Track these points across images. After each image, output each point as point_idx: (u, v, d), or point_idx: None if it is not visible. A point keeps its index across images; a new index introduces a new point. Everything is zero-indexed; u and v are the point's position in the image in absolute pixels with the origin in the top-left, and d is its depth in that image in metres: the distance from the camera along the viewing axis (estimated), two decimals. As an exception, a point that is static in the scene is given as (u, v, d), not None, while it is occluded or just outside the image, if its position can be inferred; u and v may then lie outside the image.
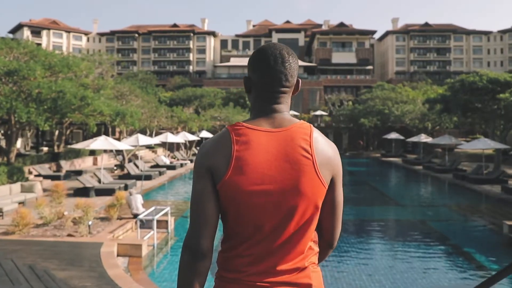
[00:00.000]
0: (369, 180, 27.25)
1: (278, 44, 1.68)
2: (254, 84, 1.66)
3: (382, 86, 61.85)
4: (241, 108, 50.47)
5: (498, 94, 25.77)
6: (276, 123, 1.59)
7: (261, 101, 1.64)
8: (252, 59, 1.67)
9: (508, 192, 19.70)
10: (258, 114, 1.63)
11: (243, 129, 1.55)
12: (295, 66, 1.66)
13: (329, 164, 1.58)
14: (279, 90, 1.63)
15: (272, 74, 1.62)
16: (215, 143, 1.56)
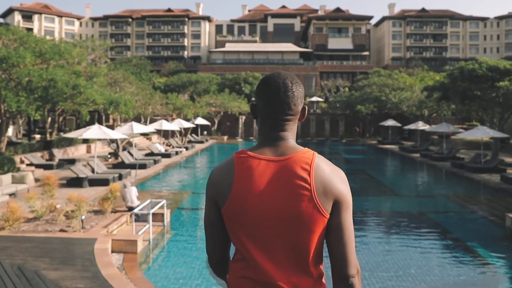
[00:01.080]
0: (367, 168, 27.01)
1: (283, 73, 1.75)
2: (260, 111, 1.76)
3: (378, 72, 61.50)
4: (237, 94, 49.95)
5: (497, 82, 25.47)
6: (279, 151, 1.68)
7: (267, 128, 1.74)
8: (257, 87, 1.78)
9: (507, 181, 19.52)
10: (264, 141, 1.73)
11: (246, 158, 1.67)
12: (298, 95, 1.73)
13: (331, 192, 1.62)
14: (283, 118, 1.72)
15: (276, 103, 1.70)
16: (220, 173, 1.72)
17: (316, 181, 1.60)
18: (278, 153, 1.67)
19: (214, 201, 1.72)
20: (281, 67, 71.46)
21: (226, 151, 37.38)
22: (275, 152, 1.67)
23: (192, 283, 8.16)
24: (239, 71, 61.51)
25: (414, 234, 12.37)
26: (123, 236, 9.61)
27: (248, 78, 55.06)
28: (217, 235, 1.76)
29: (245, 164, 1.65)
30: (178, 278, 8.37)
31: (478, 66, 25.90)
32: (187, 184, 20.72)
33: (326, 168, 1.65)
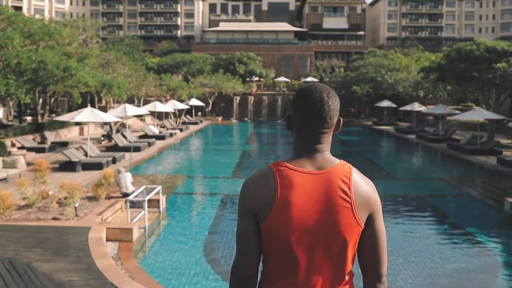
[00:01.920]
0: (363, 150, 26.87)
1: (319, 86, 1.76)
2: (295, 123, 1.78)
3: (374, 52, 60.97)
4: (231, 75, 49.38)
5: (494, 63, 25.22)
6: (318, 164, 1.71)
7: (303, 140, 1.77)
8: (293, 99, 1.79)
9: (504, 164, 19.43)
10: (300, 153, 1.75)
11: (286, 171, 1.68)
12: (334, 108, 1.75)
13: (367, 204, 1.71)
14: (319, 131, 1.74)
15: (312, 116, 1.72)
16: (258, 185, 1.71)
17: (355, 194, 1.68)
18: (317, 166, 1.70)
19: (253, 214, 1.71)
20: (276, 46, 70.73)
21: (221, 133, 37.11)
22: (314, 165, 1.71)
23: (189, 272, 7.99)
24: (233, 51, 60.70)
25: (412, 219, 12.26)
26: (118, 224, 9.39)
27: (242, 58, 54.38)
28: (253, 250, 1.73)
29: (286, 178, 1.67)
30: (175, 267, 8.20)
31: (476, 47, 25.60)
32: (182, 167, 20.50)
33: (362, 181, 1.74)
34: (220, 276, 7.88)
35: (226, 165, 20.18)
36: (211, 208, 12.72)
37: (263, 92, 51.96)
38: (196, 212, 12.33)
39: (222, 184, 16.23)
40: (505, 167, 19.06)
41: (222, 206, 12.91)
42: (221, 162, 21.38)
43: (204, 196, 14.52)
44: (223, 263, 8.46)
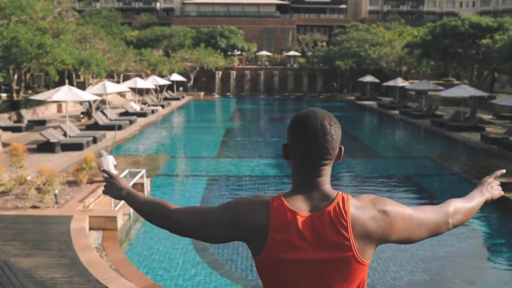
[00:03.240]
0: (348, 127, 26.65)
1: (320, 112, 1.61)
2: (293, 152, 1.64)
3: (356, 26, 60.51)
4: (213, 49, 48.40)
5: (478, 39, 25.13)
6: (314, 203, 1.58)
7: (301, 173, 1.63)
8: (291, 127, 1.64)
9: (488, 141, 19.50)
10: (298, 188, 1.62)
11: (282, 209, 1.55)
12: (337, 137, 1.61)
13: (372, 237, 1.57)
14: (320, 163, 1.60)
15: (312, 147, 1.58)
16: (252, 210, 1.59)
17: (355, 234, 1.54)
18: (313, 205, 1.58)
19: (237, 230, 1.62)
20: (257, 20, 69.53)
21: (204, 109, 36.52)
22: (310, 204, 1.58)
23: (177, 262, 7.72)
24: (214, 24, 59.37)
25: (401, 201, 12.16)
26: (101, 212, 9.00)
27: (224, 32, 53.26)
28: (209, 237, 1.71)
29: (281, 216, 1.55)
30: (162, 257, 7.91)
31: (461, 22, 25.41)
32: (165, 146, 20.05)
33: (363, 214, 1.57)
34: (210, 265, 7.63)
35: (210, 144, 19.80)
36: (197, 190, 12.41)
37: (245, 66, 51.18)
38: (181, 195, 12.01)
39: (207, 165, 15.88)
40: (489, 144, 19.13)
41: (209, 188, 12.61)
42: (205, 140, 20.98)
43: (189, 177, 14.17)
44: (212, 252, 8.20)
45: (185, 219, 1.70)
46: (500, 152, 17.71)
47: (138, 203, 1.85)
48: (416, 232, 1.66)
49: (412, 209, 1.68)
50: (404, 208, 1.65)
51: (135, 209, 1.87)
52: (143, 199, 1.86)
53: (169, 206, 1.76)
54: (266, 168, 15.48)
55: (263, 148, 19.45)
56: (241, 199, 1.66)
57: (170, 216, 1.72)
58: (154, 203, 1.80)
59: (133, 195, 1.89)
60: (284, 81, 49.14)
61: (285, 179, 14.06)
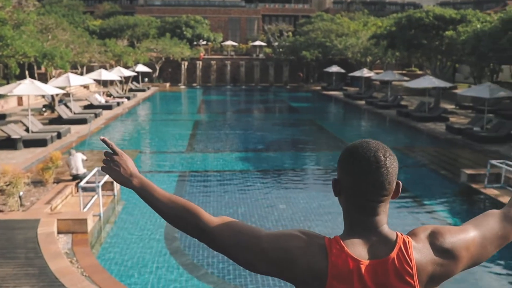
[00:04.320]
0: (315, 118, 26.85)
1: (373, 143, 1.47)
2: (345, 189, 1.48)
3: (321, 16, 60.78)
4: (178, 39, 47.57)
5: (442, 31, 25.68)
6: (374, 247, 1.42)
7: (355, 212, 1.47)
8: (342, 161, 1.49)
9: (452, 131, 19.99)
10: (354, 229, 1.46)
11: (343, 256, 1.39)
12: (393, 171, 1.45)
13: (436, 279, 1.44)
14: (376, 199, 1.44)
15: (367, 182, 1.42)
16: (309, 257, 1.41)
17: (420, 280, 1.40)
18: (374, 251, 1.42)
19: (287, 272, 1.44)
20: (223, 9, 68.77)
21: (170, 100, 35.90)
22: (370, 250, 1.42)
23: (151, 265, 7.50)
24: (179, 14, 58.28)
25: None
26: (70, 215, 8.63)
27: (189, 22, 52.36)
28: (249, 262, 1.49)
29: (342, 264, 1.40)
30: (136, 260, 7.66)
31: (425, 14, 25.87)
32: (133, 141, 19.56)
33: (426, 257, 1.42)
34: (186, 268, 7.45)
35: (179, 137, 19.46)
36: (168, 187, 12.11)
37: (211, 56, 50.62)
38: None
39: (177, 160, 15.58)
40: (454, 135, 19.62)
41: (180, 185, 12.37)
42: (173, 134, 20.59)
43: (159, 174, 13.85)
44: (187, 253, 8.02)
45: (222, 236, 1.49)
46: (465, 143, 18.19)
47: (157, 201, 1.55)
48: (483, 255, 1.52)
49: (474, 227, 1.52)
50: (465, 234, 1.49)
51: (153, 206, 1.57)
52: (164, 197, 1.56)
53: (201, 214, 1.53)
54: (238, 162, 15.33)
55: (233, 141, 19.28)
56: (293, 237, 1.46)
57: (203, 228, 1.51)
58: (180, 206, 1.54)
59: (149, 188, 1.56)
60: (251, 71, 48.94)
61: (257, 173, 13.98)
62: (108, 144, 1.61)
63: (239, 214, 10.17)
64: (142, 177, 1.59)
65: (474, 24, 23.17)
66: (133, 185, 1.57)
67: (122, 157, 1.60)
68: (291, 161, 16.08)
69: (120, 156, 1.60)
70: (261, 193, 11.88)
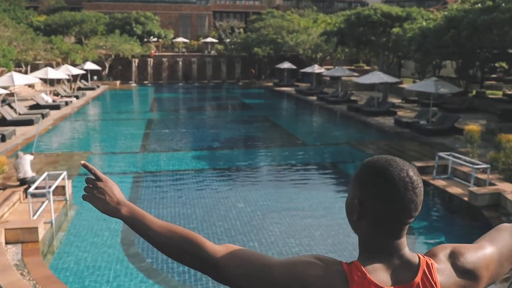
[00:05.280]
0: (269, 114, 27.03)
1: (399, 161, 1.37)
2: (372, 212, 1.35)
3: (272, 13, 61.19)
4: (128, 36, 46.44)
5: (389, 28, 26.55)
6: (398, 271, 1.33)
7: (380, 235, 1.36)
8: (369, 183, 1.35)
9: (401, 125, 20.71)
10: (374, 253, 1.36)
11: (366, 283, 1.29)
12: (422, 189, 1.37)
13: None
14: (406, 221, 1.36)
15: (402, 205, 1.32)
16: (326, 284, 1.30)
17: None
18: (397, 276, 1.34)
19: None
20: (173, 5, 67.73)
21: (121, 99, 35.00)
22: (393, 275, 1.34)
23: (109, 273, 7.29)
24: (128, 10, 56.85)
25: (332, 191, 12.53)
26: (19, 224, 8.23)
27: (139, 18, 51.18)
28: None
29: None
30: (92, 268, 7.43)
31: (374, 12, 26.62)
32: (84, 142, 18.93)
33: (449, 280, 1.37)
34: (145, 274, 7.30)
35: (132, 137, 19.03)
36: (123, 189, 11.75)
37: (162, 53, 49.77)
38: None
39: (131, 160, 15.23)
40: (402, 128, 20.32)
41: (135, 187, 12.10)
42: (125, 133, 20.11)
43: (113, 175, 13.44)
44: (146, 258, 7.86)
45: (229, 267, 1.36)
46: (412, 136, 18.90)
47: (152, 231, 1.40)
48: (499, 273, 1.46)
49: (490, 244, 1.47)
50: (483, 252, 1.44)
51: (147, 237, 1.42)
52: (159, 226, 1.41)
53: (204, 244, 1.39)
54: (194, 161, 15.19)
55: (188, 140, 19.08)
56: (309, 265, 1.34)
57: (207, 260, 1.37)
58: (179, 236, 1.40)
59: (140, 217, 1.41)
60: (203, 68, 48.59)
61: (214, 172, 13.91)
62: (89, 169, 1.47)
63: (197, 215, 10.08)
64: (132, 204, 1.46)
65: (420, 22, 24.08)
66: (122, 215, 1.43)
67: (107, 183, 1.47)
68: (247, 159, 16.12)
69: (104, 182, 1.46)
70: (218, 192, 11.83)
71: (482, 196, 10.27)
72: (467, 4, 18.90)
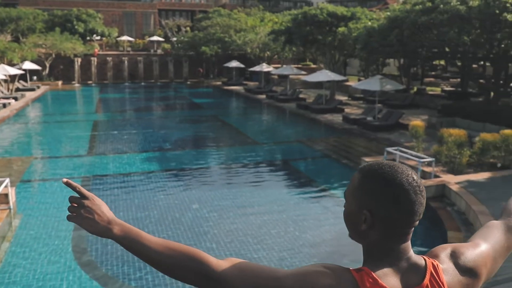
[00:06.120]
0: (219, 113, 26.91)
1: (402, 167, 1.38)
2: (382, 219, 1.34)
3: (218, 11, 60.98)
4: (70, 34, 44.67)
5: (335, 27, 27.16)
6: (406, 275, 1.35)
7: (390, 241, 1.36)
8: (382, 192, 1.33)
9: (349, 121, 21.26)
10: (383, 259, 1.36)
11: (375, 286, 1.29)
12: None
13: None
14: (413, 225, 1.37)
15: (413, 208, 1.33)
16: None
17: None
18: (406, 279, 1.35)
19: None
20: (116, 3, 65.90)
21: (64, 100, 33.65)
22: (403, 279, 1.35)
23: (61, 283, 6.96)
24: (69, 7, 54.71)
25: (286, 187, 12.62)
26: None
27: (81, 15, 49.32)
28: None
29: None
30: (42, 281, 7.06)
31: (320, 11, 27.11)
32: (26, 146, 18.01)
33: (453, 279, 1.40)
34: (100, 282, 7.03)
35: (78, 140, 18.32)
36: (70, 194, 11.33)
37: (106, 52, 48.32)
38: (53, 203, 10.86)
39: (78, 164, 14.63)
40: (350, 125, 20.87)
41: (84, 192, 11.61)
42: (71, 136, 19.33)
43: (59, 181, 12.90)
44: (100, 265, 7.58)
45: (235, 282, 1.30)
46: (360, 132, 19.45)
47: (149, 250, 1.32)
48: (494, 269, 1.51)
49: (484, 242, 1.51)
50: (480, 249, 1.48)
51: (143, 257, 1.34)
52: (156, 244, 1.33)
53: (207, 260, 1.32)
54: (145, 163, 14.83)
55: (137, 142, 18.61)
56: (319, 275, 1.31)
57: (211, 276, 1.31)
58: (179, 252, 1.33)
59: (135, 236, 1.33)
60: (149, 67, 47.67)
61: (166, 174, 13.65)
62: (73, 187, 1.37)
63: (151, 218, 9.85)
64: (124, 223, 1.37)
65: (364, 21, 24.79)
66: (114, 235, 1.34)
67: (94, 201, 1.37)
68: (199, 159, 15.95)
69: (91, 200, 1.37)
70: (172, 194, 11.62)
71: (428, 188, 10.70)
72: (408, 5, 19.65)
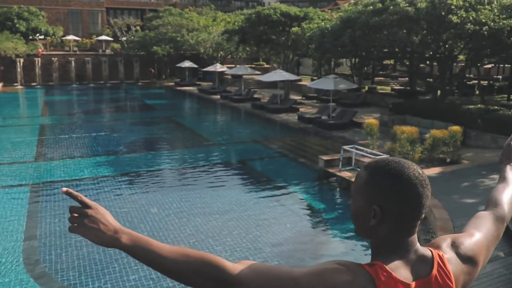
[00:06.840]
0: (172, 115, 26.45)
1: (408, 162, 1.41)
2: (393, 215, 1.37)
3: (169, 10, 60.11)
4: (11, 33, 42.52)
5: (288, 27, 27.37)
6: (416, 266, 1.38)
7: (399, 235, 1.39)
8: (392, 187, 1.36)
9: (304, 120, 21.45)
10: (393, 252, 1.38)
11: (392, 283, 1.31)
12: None
13: (467, 284, 1.48)
14: (420, 217, 1.40)
15: (421, 202, 1.37)
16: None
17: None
18: (416, 271, 1.38)
19: None
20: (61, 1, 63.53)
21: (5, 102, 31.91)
22: (413, 270, 1.38)
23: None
24: (8, 4, 52.11)
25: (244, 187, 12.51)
26: None
27: (22, 13, 47.02)
28: None
29: None
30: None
31: (273, 11, 27.24)
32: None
33: (457, 268, 1.45)
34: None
35: (25, 145, 17.40)
36: (20, 205, 10.72)
37: (51, 52, 46.39)
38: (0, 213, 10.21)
39: (26, 171, 13.85)
40: (305, 124, 21.06)
41: (34, 200, 11.00)
42: (15, 141, 18.31)
43: (6, 189, 12.12)
44: (54, 276, 7.16)
45: (253, 285, 1.25)
46: (315, 130, 19.66)
47: (160, 258, 1.25)
48: (487, 257, 1.56)
49: (477, 231, 1.56)
50: (475, 238, 1.53)
51: (155, 265, 1.26)
52: (169, 252, 1.26)
53: (222, 264, 1.27)
54: (98, 167, 14.27)
55: (89, 145, 17.92)
56: (335, 272, 1.30)
57: (228, 280, 1.25)
58: (194, 258, 1.26)
59: (144, 245, 1.26)
60: (98, 68, 46.19)
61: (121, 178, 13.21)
62: (74, 196, 1.28)
63: (108, 224, 9.43)
64: (132, 231, 1.28)
65: (317, 22, 25.10)
66: (123, 244, 1.26)
67: (98, 210, 1.29)
68: (155, 162, 15.55)
69: (95, 209, 1.29)
70: (129, 199, 11.23)
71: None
72: (360, 6, 20.05)
